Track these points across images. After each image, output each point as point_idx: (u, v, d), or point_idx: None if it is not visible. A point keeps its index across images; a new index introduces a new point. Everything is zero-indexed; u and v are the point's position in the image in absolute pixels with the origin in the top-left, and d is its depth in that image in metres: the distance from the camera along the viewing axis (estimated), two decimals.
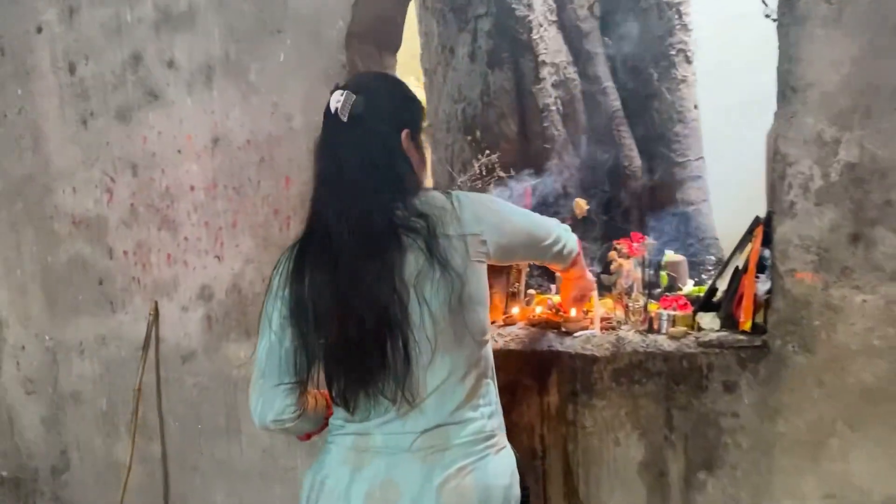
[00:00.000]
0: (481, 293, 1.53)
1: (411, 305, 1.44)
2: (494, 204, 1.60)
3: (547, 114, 2.93)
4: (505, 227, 1.57)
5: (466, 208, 1.50)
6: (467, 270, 1.47)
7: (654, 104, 2.92)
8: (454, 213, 1.48)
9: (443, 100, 3.12)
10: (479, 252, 1.51)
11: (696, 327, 2.22)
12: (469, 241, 1.48)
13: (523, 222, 1.67)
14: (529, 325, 2.48)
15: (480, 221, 1.50)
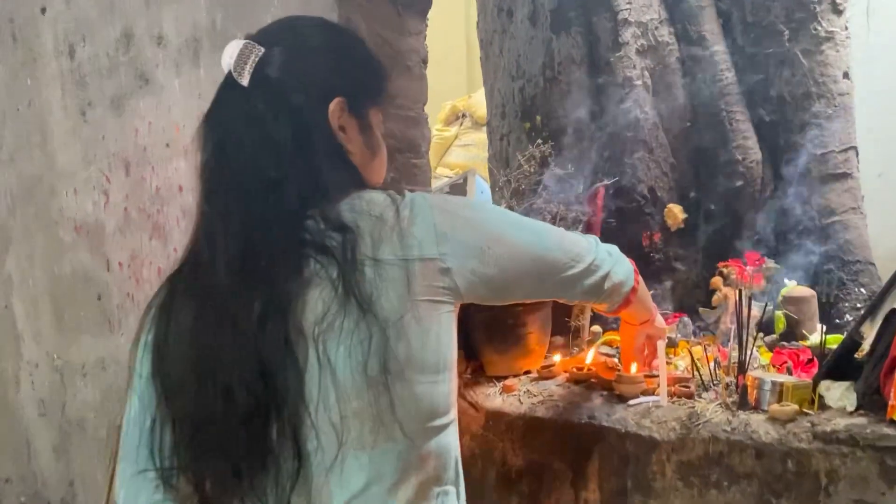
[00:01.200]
0: (432, 355, 1.00)
1: (310, 370, 0.95)
2: (474, 211, 1.10)
3: (629, 90, 2.19)
4: (492, 248, 1.05)
5: (420, 218, 1.00)
6: (406, 317, 0.96)
7: (783, 74, 2.11)
8: (396, 225, 0.99)
9: (499, 77, 2.46)
10: (434, 288, 0.99)
11: (818, 405, 1.43)
12: (416, 269, 0.98)
13: (526, 241, 1.13)
14: (572, 382, 1.77)
15: (443, 239, 1.00)
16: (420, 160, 2.14)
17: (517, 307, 1.83)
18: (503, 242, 1.07)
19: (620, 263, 1.36)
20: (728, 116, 2.15)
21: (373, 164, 1.14)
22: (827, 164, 2.05)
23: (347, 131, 1.07)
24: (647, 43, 2.20)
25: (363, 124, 1.11)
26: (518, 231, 1.11)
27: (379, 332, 0.94)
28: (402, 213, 0.99)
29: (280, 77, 1.03)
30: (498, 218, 1.12)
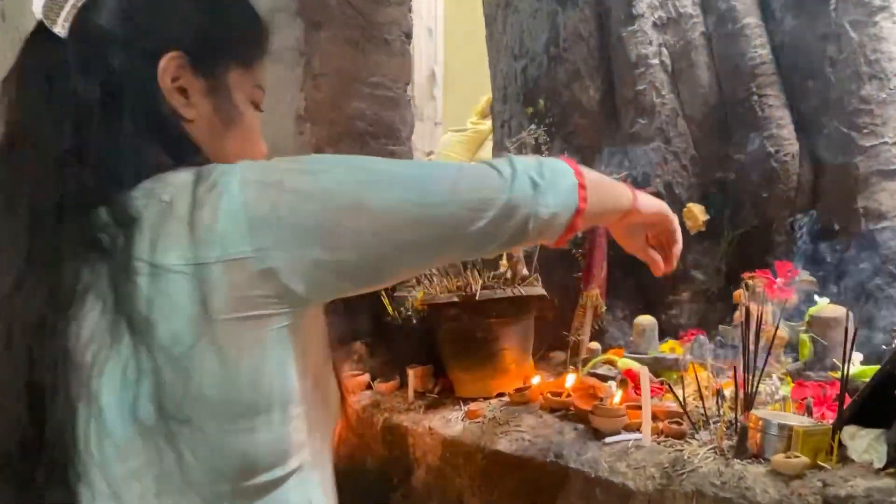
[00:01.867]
0: (247, 392, 0.74)
1: (81, 411, 0.72)
2: (311, 176, 0.77)
3: (644, 70, 1.89)
4: (345, 224, 0.76)
5: (224, 202, 0.73)
6: (198, 345, 0.71)
7: (828, 50, 1.76)
8: (187, 216, 0.72)
9: (501, 57, 2.19)
10: (250, 299, 0.73)
11: (837, 457, 1.12)
12: (215, 277, 0.71)
13: (399, 200, 0.79)
14: (546, 410, 1.50)
15: (259, 227, 0.73)
16: (399, 147, 1.90)
17: (489, 318, 1.57)
18: (362, 212, 0.77)
19: (550, 188, 0.89)
20: (760, 101, 1.82)
21: (226, 138, 0.87)
22: (878, 159, 1.70)
23: (190, 94, 0.83)
24: (667, 15, 1.89)
25: (214, 86, 0.85)
26: (384, 190, 0.79)
27: (152, 366, 0.70)
28: (198, 197, 0.73)
29: (105, 26, 0.80)
30: (350, 177, 0.79)
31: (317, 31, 1.73)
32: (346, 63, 1.78)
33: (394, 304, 1.77)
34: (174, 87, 0.81)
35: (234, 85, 0.87)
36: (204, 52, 0.84)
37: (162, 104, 0.81)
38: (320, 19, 1.73)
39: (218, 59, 0.85)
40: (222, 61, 0.86)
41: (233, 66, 0.87)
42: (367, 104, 1.82)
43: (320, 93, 1.74)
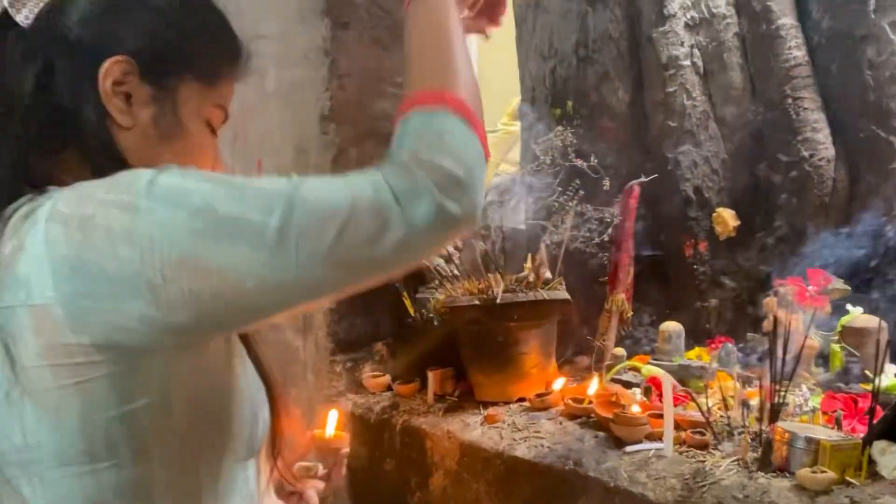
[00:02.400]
0: (76, 440, 0.69)
1: None
2: (131, 214, 0.66)
3: (675, 72, 1.86)
4: (169, 279, 0.65)
5: (34, 234, 0.68)
6: (12, 393, 0.69)
7: (865, 53, 1.71)
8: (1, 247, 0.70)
9: (530, 57, 2.17)
10: (59, 347, 0.67)
11: (866, 473, 1.08)
12: (20, 322, 0.68)
13: (244, 260, 0.66)
14: (566, 416, 1.47)
15: (65, 269, 0.66)
16: None
17: (509, 322, 1.55)
18: (197, 268, 0.65)
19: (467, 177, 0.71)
20: (795, 104, 1.77)
21: (160, 151, 0.81)
22: None
23: (133, 101, 0.79)
24: (699, 15, 1.85)
25: (161, 96, 0.81)
26: (227, 241, 0.65)
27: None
28: (13, 229, 0.68)
29: (65, 24, 0.78)
30: (181, 220, 0.65)
31: (344, 31, 1.72)
32: (372, 63, 1.78)
33: (415, 305, 1.76)
34: (117, 91, 0.78)
35: (185, 99, 0.83)
36: (155, 59, 0.81)
37: (93, 106, 0.78)
38: (348, 19, 1.72)
39: (169, 69, 0.82)
40: (174, 72, 0.82)
41: (187, 79, 0.83)
42: (393, 104, 1.81)
43: (345, 93, 1.73)
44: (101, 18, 0.79)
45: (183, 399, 0.72)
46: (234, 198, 0.66)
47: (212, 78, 0.85)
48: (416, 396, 1.67)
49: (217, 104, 0.86)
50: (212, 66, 0.85)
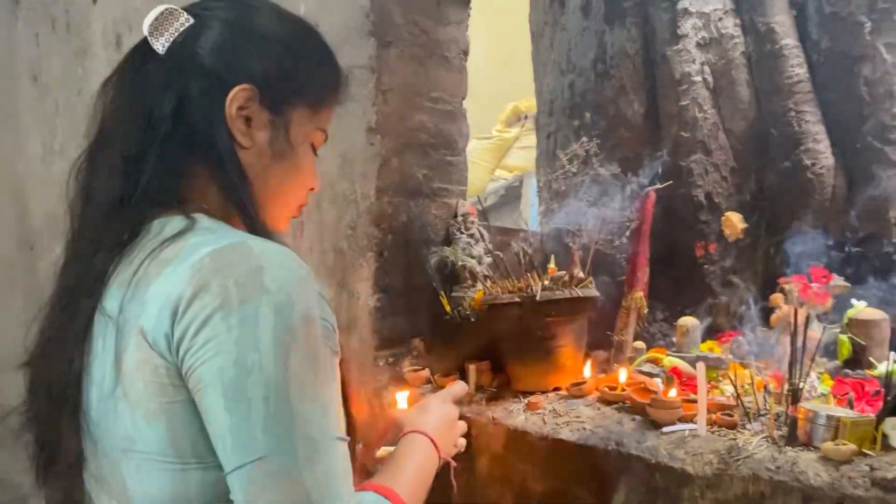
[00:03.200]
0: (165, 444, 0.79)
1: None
2: (237, 330, 0.75)
3: (688, 87, 2.01)
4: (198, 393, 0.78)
5: (174, 271, 0.78)
6: (116, 391, 0.79)
7: (862, 71, 1.88)
8: (140, 262, 0.81)
9: (548, 72, 2.31)
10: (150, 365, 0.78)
11: (881, 445, 1.24)
12: (129, 333, 0.79)
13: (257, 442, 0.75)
14: (603, 403, 1.62)
15: (180, 323, 0.76)
16: (456, 157, 2.02)
17: (547, 317, 1.69)
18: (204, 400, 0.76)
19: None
20: (797, 117, 1.94)
21: (272, 168, 0.93)
22: None
23: (253, 124, 0.91)
24: (709, 35, 2.01)
25: (277, 121, 0.92)
26: (223, 398, 0.75)
27: (93, 396, 0.83)
28: (163, 252, 0.80)
29: (198, 53, 0.89)
30: (237, 371, 0.74)
31: (386, 49, 1.85)
32: (410, 79, 1.90)
33: (451, 303, 1.89)
34: (240, 115, 0.89)
35: (296, 123, 0.94)
36: (274, 89, 0.91)
37: (222, 128, 0.88)
38: (390, 38, 1.85)
39: (285, 98, 0.93)
40: (289, 100, 0.93)
41: (298, 106, 0.94)
42: (429, 117, 1.94)
43: (388, 106, 1.86)
44: (231, 49, 0.90)
45: None
46: (268, 388, 0.73)
47: (318, 105, 0.97)
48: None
49: (320, 128, 0.99)
50: (319, 94, 0.98)
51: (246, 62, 0.90)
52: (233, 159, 0.89)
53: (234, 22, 0.92)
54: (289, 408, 0.74)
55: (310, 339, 0.76)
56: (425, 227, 1.93)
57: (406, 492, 0.93)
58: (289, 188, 0.97)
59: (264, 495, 0.73)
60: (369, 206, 1.84)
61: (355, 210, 1.88)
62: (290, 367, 0.74)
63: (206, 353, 0.73)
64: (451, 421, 1.21)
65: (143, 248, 0.82)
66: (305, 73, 0.95)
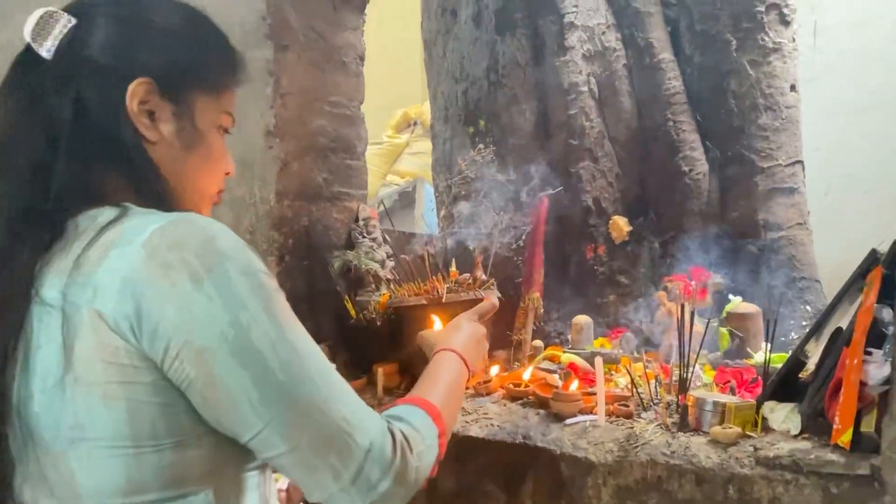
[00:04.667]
0: (121, 426, 0.77)
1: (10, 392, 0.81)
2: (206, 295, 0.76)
3: (575, 97, 2.12)
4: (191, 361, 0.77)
5: (120, 253, 0.77)
6: (66, 377, 0.77)
7: (730, 84, 2.05)
8: (79, 251, 0.78)
9: (442, 80, 2.36)
10: (110, 347, 0.76)
11: (762, 427, 1.36)
12: (82, 318, 0.76)
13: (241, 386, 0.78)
14: (508, 399, 1.67)
15: (134, 299, 0.75)
16: (356, 161, 2.03)
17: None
18: (204, 365, 0.76)
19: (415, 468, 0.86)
20: (675, 126, 2.08)
21: (186, 159, 0.92)
22: (773, 178, 2.00)
23: (157, 117, 0.89)
24: (594, 48, 2.12)
25: (181, 111, 0.91)
26: (240, 366, 0.76)
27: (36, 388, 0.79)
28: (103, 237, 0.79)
29: (88, 53, 0.86)
30: (220, 322, 0.76)
31: (284, 53, 1.83)
32: (309, 83, 1.90)
33: (356, 307, 1.89)
34: (142, 110, 0.86)
35: (200, 110, 0.92)
36: (173, 79, 0.89)
37: (125, 126, 0.86)
38: (287, 42, 1.83)
39: (185, 86, 0.91)
40: (189, 88, 0.91)
41: (199, 93, 0.92)
42: (328, 121, 1.94)
43: (287, 110, 1.84)
44: (122, 44, 0.87)
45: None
46: (270, 338, 0.76)
47: (220, 89, 0.94)
48: (366, 390, 1.81)
49: (225, 111, 0.96)
50: (219, 77, 0.95)
51: (140, 55, 0.88)
52: (142, 156, 0.87)
53: (120, 16, 0.89)
54: (294, 349, 0.78)
55: (275, 290, 0.80)
56: (327, 231, 1.92)
57: (439, 402, 0.96)
58: (205, 176, 0.95)
59: (305, 434, 0.77)
60: (269, 210, 1.82)
61: (254, 214, 1.85)
62: (278, 315, 0.78)
63: (198, 326, 0.74)
64: (479, 338, 1.24)
65: (78, 237, 0.79)
66: (202, 59, 0.93)
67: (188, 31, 0.93)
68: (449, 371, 1.09)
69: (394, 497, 0.83)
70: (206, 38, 0.95)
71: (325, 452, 0.78)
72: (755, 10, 2.02)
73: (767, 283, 1.91)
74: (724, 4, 2.05)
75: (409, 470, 0.84)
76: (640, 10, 2.10)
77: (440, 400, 0.97)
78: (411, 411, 0.91)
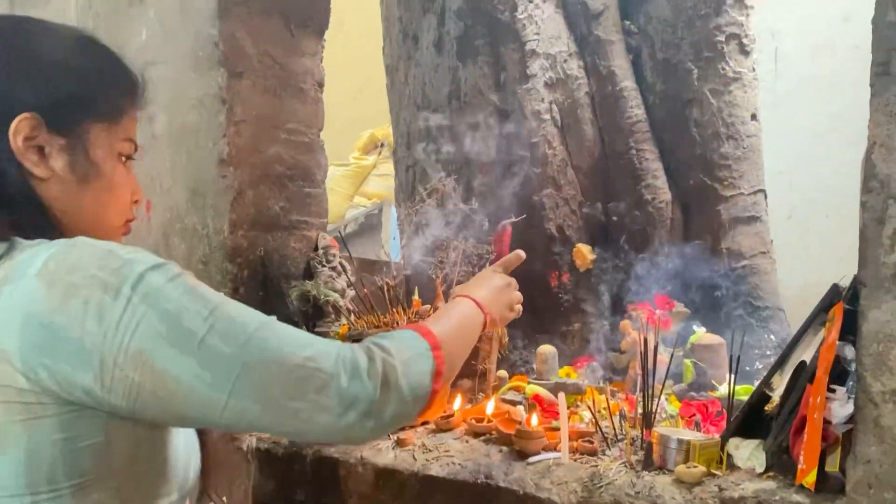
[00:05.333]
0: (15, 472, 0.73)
1: None
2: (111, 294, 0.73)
3: (538, 125, 2.09)
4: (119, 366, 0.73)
5: (14, 287, 0.74)
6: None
7: (692, 113, 2.05)
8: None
9: (404, 105, 2.33)
10: (10, 389, 0.72)
11: (727, 464, 1.33)
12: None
13: (189, 375, 0.76)
14: (471, 435, 1.63)
15: (35, 325, 0.72)
16: (315, 189, 1.98)
17: None
18: (146, 365, 0.73)
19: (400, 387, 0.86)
20: (638, 155, 2.07)
21: (82, 193, 0.87)
22: (736, 207, 2.00)
23: (47, 152, 0.84)
24: (556, 76, 2.11)
25: (73, 144, 0.85)
26: (184, 354, 0.74)
27: None
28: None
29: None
30: (152, 321, 0.74)
31: (238, 80, 1.79)
32: (265, 110, 1.85)
33: None
34: (29, 146, 0.82)
35: (94, 141, 0.87)
36: (61, 111, 0.85)
37: (9, 164, 0.81)
38: (241, 69, 1.79)
39: (75, 118, 0.86)
40: (79, 119, 0.86)
41: (92, 123, 0.87)
42: (285, 149, 1.90)
43: (241, 138, 1.79)
44: (11, 79, 0.82)
45: (123, 444, 0.78)
46: (203, 317, 0.75)
47: (115, 116, 0.89)
48: None
49: (125, 138, 0.91)
50: (113, 104, 0.90)
51: (21, 90, 0.83)
52: (27, 196, 0.82)
53: (4, 51, 0.84)
54: (230, 317, 0.77)
55: (188, 274, 0.79)
56: (284, 261, 1.87)
57: (441, 332, 0.96)
58: (107, 208, 0.90)
59: (274, 387, 0.77)
60: (223, 241, 1.77)
61: (207, 245, 1.79)
62: (202, 294, 0.77)
63: (126, 331, 0.72)
64: (501, 287, 1.26)
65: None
66: (93, 88, 0.88)
67: (75, 58, 0.88)
68: (457, 310, 1.11)
69: (390, 402, 0.83)
70: (97, 64, 0.90)
71: (302, 392, 0.78)
72: (715, 40, 2.02)
73: (731, 312, 1.90)
74: (684, 33, 2.05)
75: (393, 372, 0.84)
76: (601, 38, 2.09)
77: (436, 325, 0.98)
78: (394, 332, 0.93)
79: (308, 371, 0.79)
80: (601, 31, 2.09)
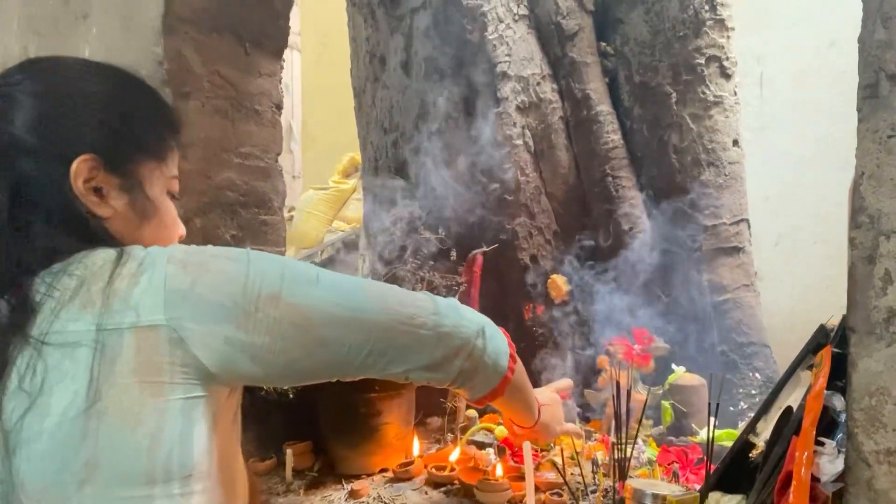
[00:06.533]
0: (143, 459, 0.76)
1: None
2: (238, 263, 0.81)
3: (510, 150, 1.99)
4: (262, 310, 0.81)
5: (148, 275, 0.78)
6: (95, 407, 0.74)
7: (671, 138, 1.95)
8: (107, 287, 0.77)
9: (371, 129, 2.23)
10: (157, 364, 0.76)
11: None
12: (122, 341, 0.75)
13: (320, 299, 0.85)
14: (431, 485, 1.50)
15: (175, 300, 0.77)
16: (272, 217, 1.87)
17: (371, 393, 1.56)
18: (281, 301, 0.81)
19: (486, 337, 1.00)
20: (614, 182, 1.97)
21: (142, 229, 0.89)
22: (718, 237, 1.89)
23: (105, 192, 0.85)
24: (528, 100, 2.01)
25: (129, 183, 0.87)
26: (307, 286, 0.84)
27: (49, 429, 0.74)
28: (122, 270, 0.77)
29: (16, 134, 0.81)
30: (275, 270, 0.82)
31: (185, 101, 1.68)
32: (214, 133, 1.74)
33: None
34: (88, 188, 0.83)
35: (147, 179, 0.90)
36: (115, 152, 0.86)
37: (75, 205, 0.82)
38: (189, 89, 1.68)
39: (129, 157, 0.88)
40: (133, 158, 0.88)
41: (144, 161, 0.89)
42: (238, 174, 1.78)
43: (188, 163, 1.68)
44: (54, 120, 0.83)
45: (218, 446, 0.81)
46: (310, 266, 0.88)
47: (164, 153, 0.93)
48: (274, 473, 1.62)
49: (171, 176, 0.95)
50: (161, 141, 0.92)
51: (77, 130, 0.84)
52: (99, 233, 0.84)
53: (47, 91, 0.85)
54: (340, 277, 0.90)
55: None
56: None
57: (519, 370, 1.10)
58: (164, 244, 0.89)
59: (390, 300, 0.90)
60: None
61: None
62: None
63: (261, 280, 0.80)
64: (557, 403, 1.33)
65: (93, 275, 0.78)
66: (142, 126, 0.90)
67: (123, 96, 0.90)
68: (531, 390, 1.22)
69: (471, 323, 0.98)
70: (143, 101, 0.93)
71: (412, 299, 0.92)
72: (695, 63, 1.92)
73: (713, 349, 1.79)
74: (663, 55, 1.96)
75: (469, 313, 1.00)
76: (576, 59, 1.99)
77: (519, 371, 1.11)
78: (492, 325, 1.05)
79: (412, 294, 0.93)
80: (576, 52, 2.00)
